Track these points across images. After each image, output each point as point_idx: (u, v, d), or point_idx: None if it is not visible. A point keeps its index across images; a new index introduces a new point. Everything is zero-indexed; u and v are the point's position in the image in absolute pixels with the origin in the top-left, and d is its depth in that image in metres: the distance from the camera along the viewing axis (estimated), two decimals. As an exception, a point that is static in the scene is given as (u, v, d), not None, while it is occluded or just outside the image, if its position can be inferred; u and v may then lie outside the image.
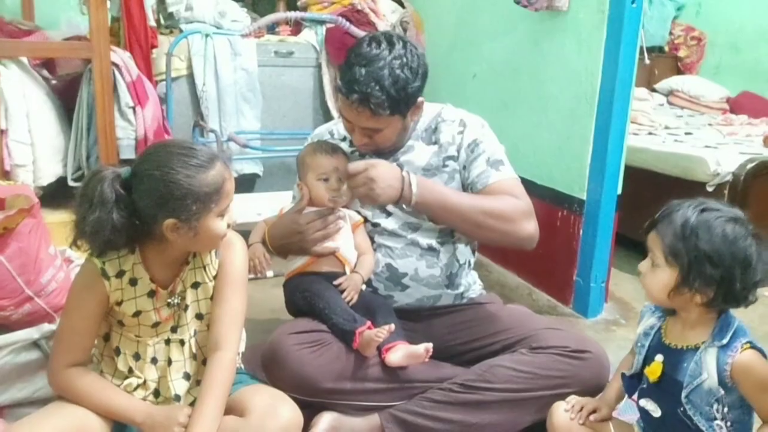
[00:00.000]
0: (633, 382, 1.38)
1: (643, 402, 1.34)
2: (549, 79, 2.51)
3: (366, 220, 1.72)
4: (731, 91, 4.52)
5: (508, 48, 2.75)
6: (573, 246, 2.42)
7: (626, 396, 1.44)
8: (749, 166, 2.63)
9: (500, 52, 2.81)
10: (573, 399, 1.49)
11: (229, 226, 1.36)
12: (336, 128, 1.83)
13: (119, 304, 1.35)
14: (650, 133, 3.51)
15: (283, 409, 1.36)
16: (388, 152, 1.67)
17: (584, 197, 2.37)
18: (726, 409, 1.24)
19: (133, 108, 2.05)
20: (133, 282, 1.35)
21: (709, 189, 2.68)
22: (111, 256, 1.33)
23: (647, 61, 4.47)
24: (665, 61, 4.86)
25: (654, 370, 1.31)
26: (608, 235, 2.36)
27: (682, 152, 2.87)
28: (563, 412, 1.47)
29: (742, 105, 4.34)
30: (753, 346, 1.23)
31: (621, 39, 2.17)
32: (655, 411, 1.32)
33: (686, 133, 3.57)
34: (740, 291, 1.23)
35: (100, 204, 1.24)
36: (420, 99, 1.63)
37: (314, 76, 3.46)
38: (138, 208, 1.28)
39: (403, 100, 1.55)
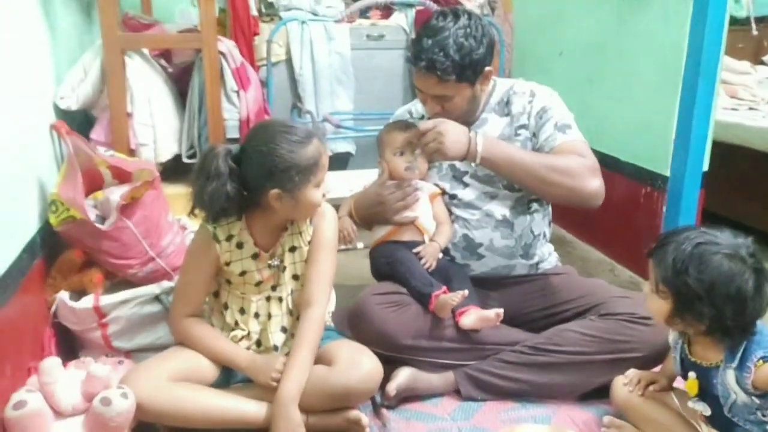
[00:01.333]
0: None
1: (691, 403, 1.36)
2: (634, 55, 2.49)
3: (444, 192, 1.83)
4: None
5: (595, 25, 2.74)
6: (656, 223, 2.41)
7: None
8: None
9: (587, 29, 2.81)
10: (631, 372, 1.53)
11: (323, 196, 1.52)
12: (414, 108, 1.95)
13: (228, 264, 1.55)
14: (750, 108, 3.36)
15: (366, 360, 1.52)
16: (463, 123, 1.73)
17: (668, 174, 2.35)
18: None
19: (237, 92, 2.24)
20: (240, 245, 1.54)
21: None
22: (221, 222, 1.52)
23: (755, 32, 4.23)
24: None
25: (692, 387, 1.33)
26: (692, 213, 2.33)
27: (772, 127, 2.76)
28: (623, 386, 1.52)
29: None
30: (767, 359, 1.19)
31: (707, 12, 2.12)
32: (705, 411, 1.32)
33: (791, 108, 3.39)
34: (733, 327, 1.20)
35: (216, 176, 1.42)
36: (488, 68, 1.71)
37: (404, 58, 3.47)
38: (247, 180, 1.46)
39: (468, 66, 1.64)
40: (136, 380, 1.44)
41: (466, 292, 1.63)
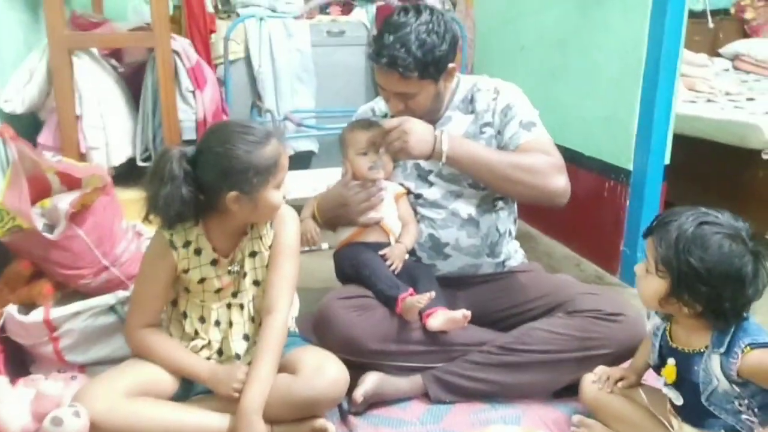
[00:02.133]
0: (656, 370, 1.39)
1: (665, 390, 1.35)
2: (596, 49, 2.50)
3: (409, 191, 1.80)
4: (801, 53, 4.29)
5: (556, 19, 2.74)
6: (620, 216, 2.42)
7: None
8: (807, 132, 2.55)
9: (548, 23, 2.81)
10: (600, 369, 1.52)
11: (284, 198, 1.47)
12: (377, 105, 1.91)
13: (186, 272, 1.49)
14: (709, 101, 3.41)
15: (331, 367, 1.48)
16: (428, 122, 1.70)
17: (630, 168, 2.36)
18: (748, 401, 1.22)
19: (193, 92, 2.17)
20: (198, 252, 1.48)
21: (765, 157, 2.61)
22: (178, 228, 1.46)
23: (711, 25, 4.32)
24: (731, 25, 4.65)
25: (669, 373, 1.31)
26: (655, 206, 2.35)
27: (737, 119, 2.78)
28: (591, 384, 1.51)
29: (812, 67, 4.12)
30: (755, 345, 1.19)
31: (667, 5, 2.14)
32: (677, 399, 1.32)
33: (748, 99, 3.44)
34: (729, 309, 1.20)
35: (171, 180, 1.36)
36: (451, 65, 1.68)
37: (366, 54, 3.45)
38: (203, 183, 1.41)
39: (431, 63, 1.61)
40: (90, 397, 1.37)
41: (433, 293, 1.60)
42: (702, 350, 1.26)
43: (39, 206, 1.66)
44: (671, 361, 1.31)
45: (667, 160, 2.33)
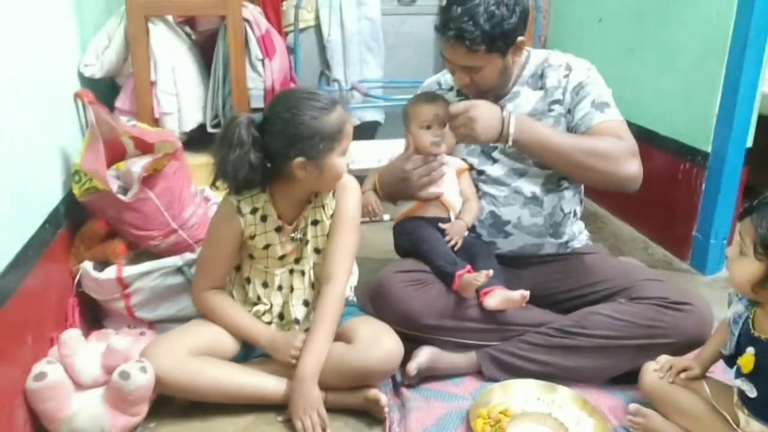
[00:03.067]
0: (729, 361, 1.34)
1: (738, 382, 1.29)
2: (678, 24, 2.37)
3: (471, 167, 1.77)
4: None
5: (636, -10, 2.61)
6: (694, 200, 2.32)
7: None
8: None
9: (628, -6, 2.68)
10: (663, 358, 1.48)
11: (348, 166, 1.49)
12: (444, 78, 1.87)
13: (252, 237, 1.53)
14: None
15: (386, 339, 1.50)
16: (492, 98, 1.68)
17: (709, 150, 2.25)
18: None
19: (262, 60, 2.20)
20: (264, 218, 1.52)
21: None
22: (245, 195, 1.50)
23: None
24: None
25: (747, 363, 1.25)
26: (733, 191, 2.24)
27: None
28: (653, 372, 1.47)
29: None
30: None
31: (759, -21, 2.01)
32: (751, 392, 1.26)
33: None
34: None
35: (239, 145, 1.40)
36: (520, 38, 1.63)
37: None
38: (270, 149, 1.43)
39: (499, 36, 1.57)
40: (156, 354, 1.44)
41: (491, 271, 1.58)
42: None
43: (114, 169, 1.73)
44: (750, 350, 1.26)
45: (749, 143, 2.21)
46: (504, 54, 1.62)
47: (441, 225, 1.71)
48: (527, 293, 1.59)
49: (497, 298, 1.61)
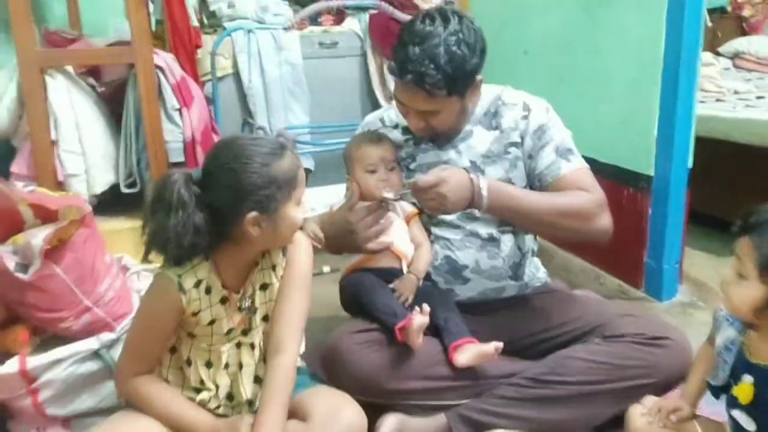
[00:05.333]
0: (718, 391, 1.25)
1: (735, 413, 1.21)
2: (607, 50, 2.36)
3: (422, 211, 1.64)
4: (801, 49, 4.20)
5: (561, 20, 2.61)
6: (642, 225, 2.27)
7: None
8: (835, 130, 2.41)
9: (553, 25, 2.67)
10: (649, 400, 1.38)
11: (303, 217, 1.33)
12: (387, 115, 1.75)
13: (195, 314, 1.32)
14: (718, 100, 3.29)
15: (347, 412, 1.32)
16: (445, 138, 1.58)
17: (652, 173, 2.22)
18: None
19: (179, 110, 2.02)
20: (208, 290, 1.32)
21: (788, 156, 2.47)
22: (185, 267, 1.29)
23: (709, 24, 4.20)
24: (729, 23, 4.57)
25: (745, 393, 1.18)
26: (680, 213, 2.21)
27: (758, 118, 2.66)
28: (641, 416, 1.36)
29: (814, 64, 4.03)
30: None
31: (685, 1, 2.01)
32: (750, 425, 1.18)
33: (758, 98, 3.33)
34: None
35: (180, 207, 1.20)
36: (478, 77, 1.53)
37: (360, 65, 3.39)
38: (216, 208, 1.25)
39: (460, 78, 1.46)
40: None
41: (426, 306, 1.43)
42: None
43: (11, 243, 1.50)
44: (748, 379, 1.17)
45: (690, 164, 2.19)
46: (463, 96, 1.51)
47: (389, 286, 1.56)
48: (500, 345, 1.46)
49: (468, 353, 1.47)
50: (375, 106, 3.35)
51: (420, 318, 1.41)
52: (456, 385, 1.51)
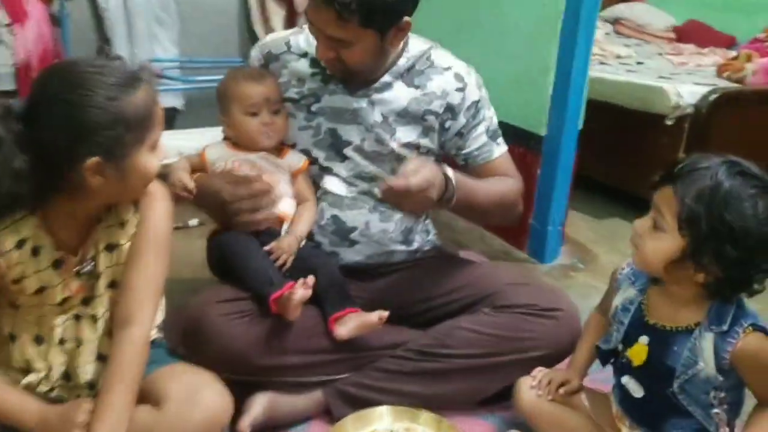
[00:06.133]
0: (609, 356, 1.23)
1: (624, 380, 1.20)
2: (508, 4, 2.26)
3: (313, 161, 1.47)
4: (677, 19, 4.37)
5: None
6: (529, 187, 2.20)
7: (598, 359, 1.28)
8: (712, 97, 2.48)
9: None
10: (539, 372, 1.35)
11: (160, 163, 1.12)
12: (295, 39, 1.51)
13: (17, 282, 1.09)
14: (601, 63, 3.33)
15: (207, 394, 1.15)
16: (359, 81, 1.41)
17: (543, 133, 2.17)
18: (724, 393, 1.11)
19: (10, 26, 1.67)
20: (35, 251, 1.10)
21: (668, 122, 2.51)
22: (4, 222, 1.06)
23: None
24: (611, -12, 4.65)
25: (638, 354, 1.16)
26: (568, 176, 2.19)
27: (641, 82, 2.69)
28: (529, 389, 1.33)
29: (688, 34, 4.18)
30: (757, 328, 1.07)
31: (587, -48, 1.93)
32: (638, 391, 1.17)
33: (638, 63, 3.41)
34: (752, 277, 1.06)
35: None
36: (405, 19, 1.34)
37: None
38: (45, 149, 1.01)
39: (380, 9, 1.27)
40: None
41: (311, 278, 1.30)
42: (689, 327, 1.11)
43: None
44: (644, 340, 1.16)
45: (580, 125, 2.15)
46: (383, 33, 1.32)
47: (265, 248, 1.39)
48: (385, 314, 1.35)
49: (351, 324, 1.35)
50: (253, 41, 3.10)
51: (302, 291, 1.27)
52: (335, 358, 1.40)
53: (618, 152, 2.75)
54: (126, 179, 1.07)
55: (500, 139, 1.57)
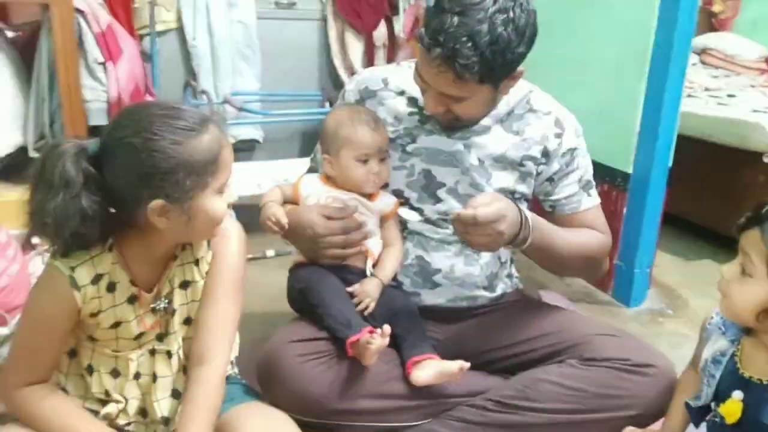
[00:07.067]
0: (701, 414, 1.14)
1: None
2: (590, 34, 2.18)
3: (404, 203, 1.44)
4: (768, 49, 4.16)
5: (540, -2, 2.41)
6: (614, 226, 2.11)
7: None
8: (814, 134, 2.31)
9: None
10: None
11: (228, 206, 1.11)
12: (393, 77, 1.48)
13: (94, 315, 1.10)
14: (689, 95, 3.18)
15: (282, 438, 1.13)
16: (460, 127, 1.38)
17: (629, 170, 2.07)
18: None
19: (104, 65, 1.74)
20: (111, 287, 1.10)
21: (766, 160, 2.36)
22: (82, 257, 1.06)
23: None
24: (698, 17, 4.49)
25: (732, 411, 1.07)
26: (656, 215, 2.08)
27: (734, 117, 2.54)
28: None
29: (782, 64, 3.98)
30: None
31: (681, -17, 1.85)
32: None
33: (729, 96, 3.23)
34: None
35: (64, 186, 0.97)
36: (520, 69, 1.29)
37: (319, 30, 3.20)
38: (114, 190, 1.02)
39: (499, 66, 1.21)
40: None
41: (387, 328, 1.25)
42: None
43: None
44: (738, 395, 1.07)
45: (670, 163, 2.04)
46: (497, 85, 1.28)
47: (348, 289, 1.36)
48: (467, 365, 1.28)
49: (429, 370, 1.28)
50: (333, 76, 3.16)
51: (379, 341, 1.22)
52: (411, 404, 1.33)
53: (709, 190, 2.59)
54: (192, 221, 1.06)
55: (593, 191, 1.49)
